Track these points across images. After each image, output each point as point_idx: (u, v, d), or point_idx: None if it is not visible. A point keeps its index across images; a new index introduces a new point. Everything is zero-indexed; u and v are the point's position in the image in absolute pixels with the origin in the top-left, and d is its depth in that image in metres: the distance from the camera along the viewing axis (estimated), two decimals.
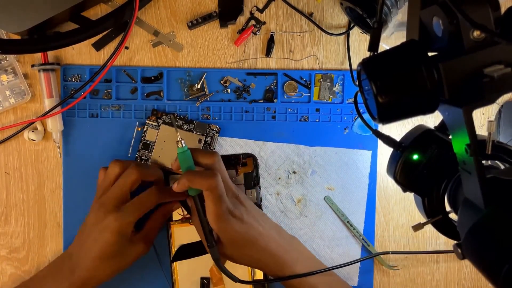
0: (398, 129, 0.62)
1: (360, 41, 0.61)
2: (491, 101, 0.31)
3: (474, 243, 0.31)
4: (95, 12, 0.57)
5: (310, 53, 0.60)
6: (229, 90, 0.59)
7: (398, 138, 0.42)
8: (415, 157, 0.39)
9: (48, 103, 0.55)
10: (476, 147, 0.31)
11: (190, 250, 0.57)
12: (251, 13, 0.59)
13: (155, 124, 0.57)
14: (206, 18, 0.57)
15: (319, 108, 0.60)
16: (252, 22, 0.59)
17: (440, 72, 0.32)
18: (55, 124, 0.55)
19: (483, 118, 0.64)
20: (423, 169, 0.39)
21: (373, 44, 0.40)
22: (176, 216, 0.58)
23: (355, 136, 0.61)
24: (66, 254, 0.53)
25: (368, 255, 0.61)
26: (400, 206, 0.63)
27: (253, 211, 0.53)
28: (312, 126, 0.60)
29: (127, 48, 0.58)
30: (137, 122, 0.58)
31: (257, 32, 0.59)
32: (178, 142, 0.49)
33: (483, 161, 0.32)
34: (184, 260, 0.58)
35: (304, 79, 0.60)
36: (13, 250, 0.58)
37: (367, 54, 0.40)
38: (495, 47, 0.31)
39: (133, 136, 0.58)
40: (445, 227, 0.40)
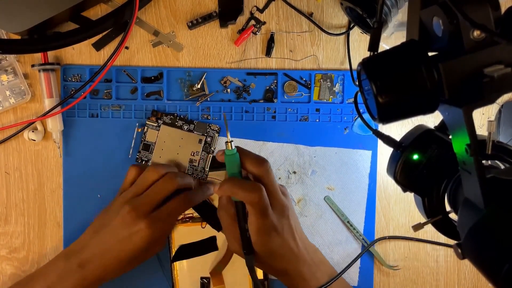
0: (398, 129, 0.62)
1: (360, 41, 0.61)
2: (491, 101, 0.31)
3: (474, 243, 0.31)
4: (95, 12, 0.57)
5: (310, 53, 0.60)
6: (229, 90, 0.59)
7: (398, 138, 0.42)
8: (415, 157, 0.39)
9: (48, 103, 0.55)
10: (476, 147, 0.31)
11: (190, 250, 0.57)
12: (251, 13, 0.59)
13: (155, 124, 0.57)
14: (206, 18, 0.57)
15: (319, 108, 0.60)
16: (252, 22, 0.59)
17: (440, 72, 0.32)
18: (55, 124, 0.55)
19: (483, 118, 0.64)
20: (423, 169, 0.39)
21: (373, 44, 0.40)
22: None
23: (355, 136, 0.61)
24: (73, 249, 0.51)
25: (368, 244, 0.61)
26: (400, 206, 0.63)
27: (294, 226, 0.52)
28: (312, 126, 0.60)
29: (127, 48, 0.58)
30: (137, 123, 0.58)
31: (257, 32, 0.59)
32: (227, 143, 0.48)
33: (483, 161, 0.32)
34: (184, 260, 0.58)
35: (304, 79, 0.60)
36: (13, 250, 0.58)
37: (367, 54, 0.40)
38: (495, 47, 0.31)
39: (133, 137, 0.58)
40: (445, 227, 0.40)
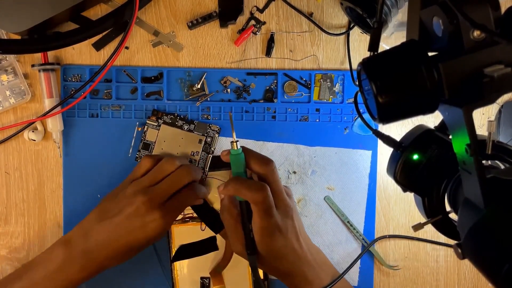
0: (398, 129, 0.62)
1: (360, 41, 0.61)
2: (491, 101, 0.31)
3: (474, 243, 0.31)
4: (95, 12, 0.57)
5: (310, 53, 0.60)
6: (229, 90, 0.59)
7: (398, 138, 0.42)
8: (415, 157, 0.39)
9: (48, 103, 0.55)
10: (476, 147, 0.31)
11: (190, 250, 0.57)
12: (251, 13, 0.59)
13: (155, 124, 0.57)
14: (206, 18, 0.57)
15: (319, 108, 0.60)
16: (252, 22, 0.59)
17: (440, 72, 0.32)
18: (55, 124, 0.55)
19: (483, 118, 0.64)
20: (423, 169, 0.39)
21: (373, 44, 0.40)
22: None
23: (355, 136, 0.61)
24: (74, 236, 0.50)
25: (368, 244, 0.61)
26: (400, 206, 0.63)
27: (298, 227, 0.51)
28: (312, 126, 0.60)
29: (127, 48, 0.58)
30: (137, 122, 0.58)
31: (257, 32, 0.59)
32: (233, 143, 0.48)
33: (483, 161, 0.32)
34: (184, 260, 0.58)
35: (304, 79, 0.60)
36: (13, 250, 0.58)
37: (367, 54, 0.40)
38: (495, 47, 0.31)
39: (133, 136, 0.58)
40: (445, 227, 0.40)
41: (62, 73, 0.57)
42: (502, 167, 0.38)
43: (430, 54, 0.34)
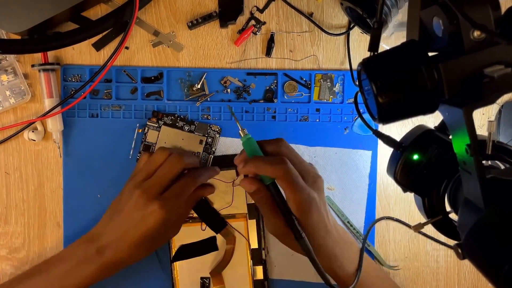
0: (398, 129, 0.62)
1: (360, 41, 0.61)
2: (491, 101, 0.31)
3: (474, 243, 0.31)
4: (95, 12, 0.57)
5: (310, 53, 0.60)
6: (229, 90, 0.59)
7: (398, 138, 0.42)
8: (415, 157, 0.39)
9: (48, 103, 0.55)
10: (476, 147, 0.31)
11: (190, 250, 0.57)
12: (251, 13, 0.59)
13: (156, 125, 0.57)
14: (206, 18, 0.57)
15: (319, 108, 0.60)
16: (252, 22, 0.59)
17: (440, 72, 0.32)
18: (55, 124, 0.55)
19: (483, 118, 0.64)
20: (423, 169, 0.39)
21: (373, 44, 0.40)
22: None
23: (355, 136, 0.61)
24: (91, 236, 0.51)
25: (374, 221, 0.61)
26: (400, 206, 0.63)
27: (325, 201, 0.51)
28: (312, 126, 0.60)
29: (127, 48, 0.58)
30: (137, 124, 0.58)
31: (257, 32, 0.59)
32: (240, 131, 0.48)
33: (483, 161, 0.32)
34: (184, 260, 0.58)
35: (304, 79, 0.60)
36: (13, 250, 0.58)
37: (367, 54, 0.40)
38: (495, 47, 0.31)
39: (134, 138, 0.58)
40: (445, 227, 0.40)
41: (62, 73, 0.57)
42: (502, 167, 0.38)
43: (430, 54, 0.34)
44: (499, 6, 0.31)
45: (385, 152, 0.62)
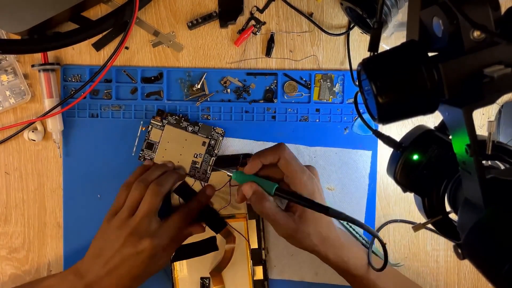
0: (398, 129, 0.62)
1: (360, 41, 0.61)
2: (491, 101, 0.31)
3: (474, 244, 0.31)
4: (95, 12, 0.57)
5: (310, 53, 0.60)
6: (229, 90, 0.59)
7: (398, 138, 0.42)
8: (415, 157, 0.39)
9: (48, 103, 0.55)
10: (476, 147, 0.31)
11: (190, 250, 0.57)
12: (251, 13, 0.59)
13: (160, 124, 0.57)
14: (206, 18, 0.57)
15: (319, 108, 0.60)
16: (252, 22, 0.59)
17: (440, 72, 0.32)
18: (55, 124, 0.55)
19: (483, 118, 0.64)
20: (423, 169, 0.39)
21: (373, 44, 0.40)
22: None
23: (355, 136, 0.61)
24: (77, 271, 0.51)
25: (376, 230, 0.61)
26: (400, 206, 0.63)
27: (322, 192, 0.55)
28: (312, 126, 0.60)
29: (127, 48, 0.58)
30: (141, 122, 0.58)
31: (257, 32, 0.59)
32: (228, 172, 0.54)
33: (483, 161, 0.32)
34: (184, 260, 0.58)
35: (304, 79, 0.60)
36: (13, 250, 0.58)
37: (367, 54, 0.40)
38: (495, 48, 0.31)
39: (137, 135, 0.58)
40: (445, 227, 0.40)
41: (62, 73, 0.57)
42: (502, 167, 0.38)
43: (430, 54, 0.34)
44: (499, 6, 0.31)
45: (385, 152, 0.62)
